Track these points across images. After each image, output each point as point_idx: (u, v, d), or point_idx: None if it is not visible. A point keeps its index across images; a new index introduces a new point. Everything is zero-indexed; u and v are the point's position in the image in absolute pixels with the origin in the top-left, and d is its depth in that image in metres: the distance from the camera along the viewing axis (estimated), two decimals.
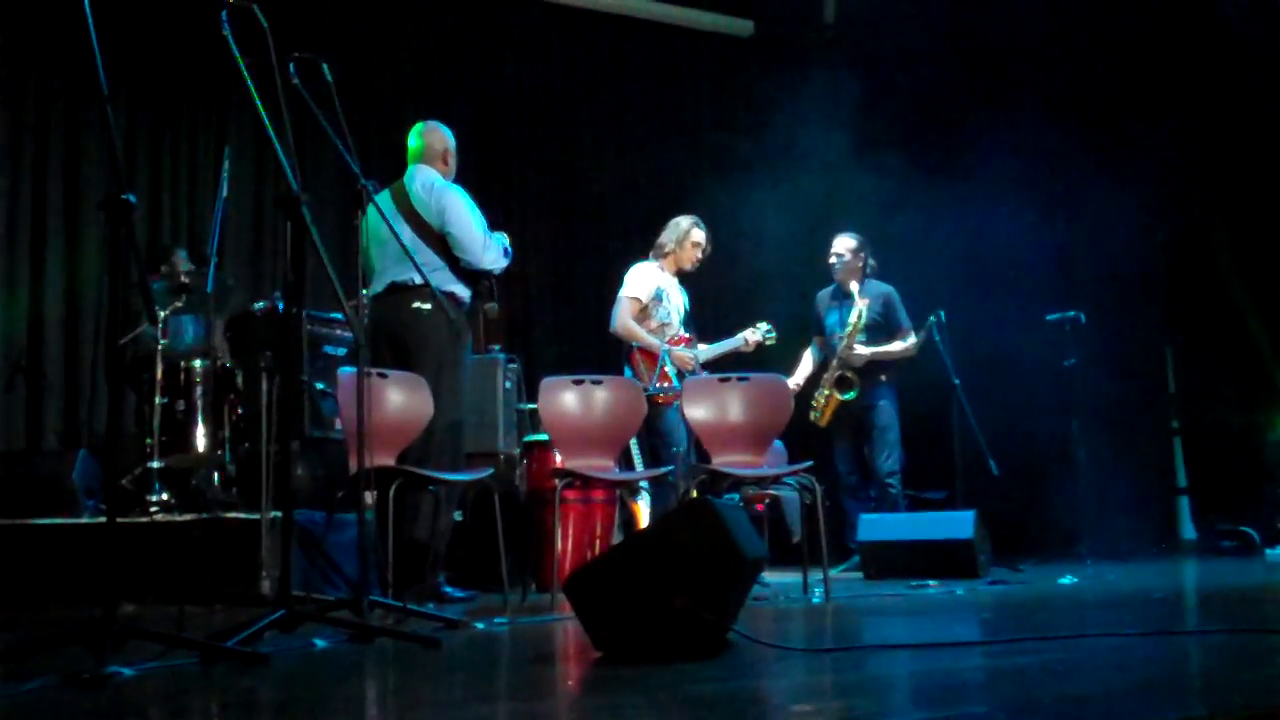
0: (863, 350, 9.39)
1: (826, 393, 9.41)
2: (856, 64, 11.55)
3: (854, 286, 9.46)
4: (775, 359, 9.03)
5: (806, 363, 9.63)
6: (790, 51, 12.16)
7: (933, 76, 11.76)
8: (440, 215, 7.01)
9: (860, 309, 9.39)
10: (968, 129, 10.97)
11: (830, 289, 9.72)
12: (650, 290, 8.39)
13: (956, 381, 9.39)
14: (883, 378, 9.49)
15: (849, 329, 9.38)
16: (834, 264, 9.56)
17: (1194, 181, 11.65)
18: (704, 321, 9.08)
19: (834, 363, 9.42)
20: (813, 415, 9.44)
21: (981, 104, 11.06)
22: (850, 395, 9.37)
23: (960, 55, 11.73)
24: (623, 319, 8.34)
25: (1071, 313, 10.19)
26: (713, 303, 10.09)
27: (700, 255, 8.63)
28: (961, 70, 11.63)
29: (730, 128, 12.01)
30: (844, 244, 9.59)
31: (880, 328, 9.48)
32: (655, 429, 8.13)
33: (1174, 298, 12.04)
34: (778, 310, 9.45)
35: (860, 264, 9.58)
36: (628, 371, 8.27)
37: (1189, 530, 12.03)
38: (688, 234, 8.56)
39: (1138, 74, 11.57)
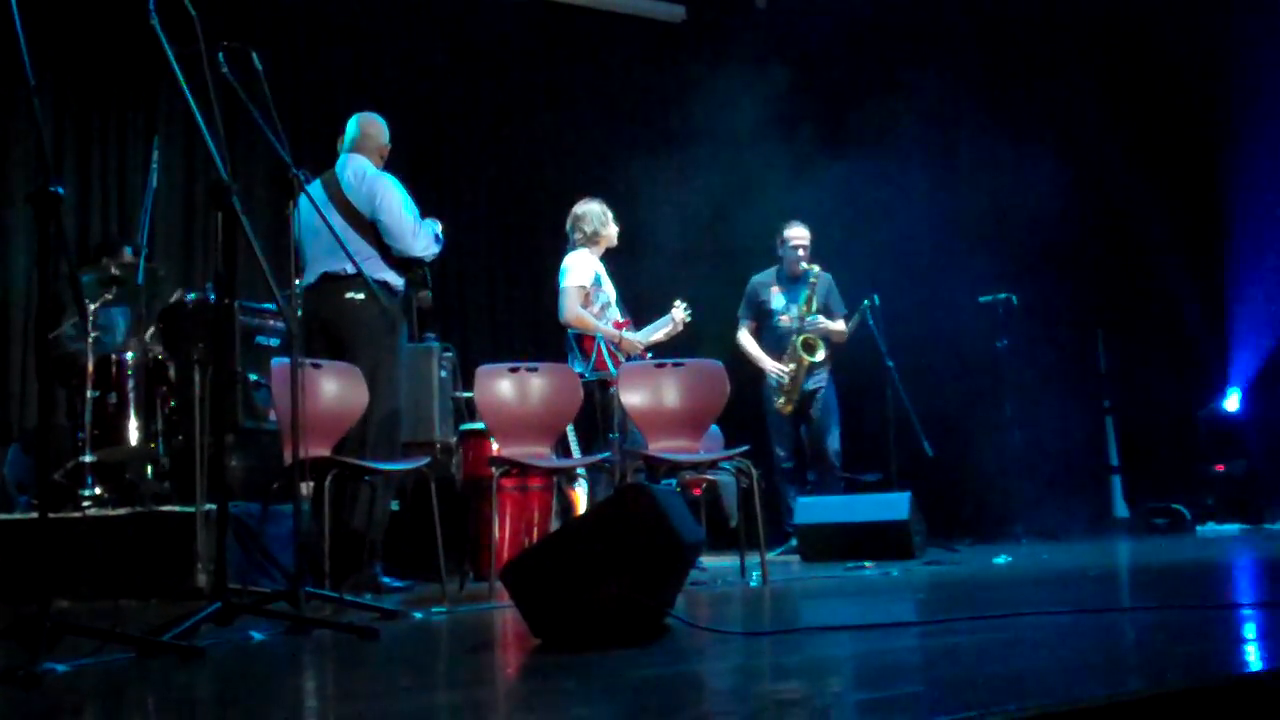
0: (829, 324, 9.43)
1: (792, 367, 9.38)
2: (786, 49, 11.58)
3: (806, 269, 9.48)
4: (707, 342, 9.02)
5: (755, 347, 9.62)
6: (721, 37, 12.17)
7: (861, 62, 11.82)
8: (371, 202, 6.97)
9: (812, 291, 9.41)
10: (896, 114, 11.03)
11: (770, 274, 9.71)
12: (591, 277, 8.36)
13: (890, 364, 9.44)
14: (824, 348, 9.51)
15: (802, 308, 9.40)
16: (798, 251, 9.54)
17: (1118, 154, 11.76)
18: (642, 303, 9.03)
19: (793, 337, 9.41)
20: (780, 401, 9.42)
21: (910, 89, 11.11)
22: (819, 355, 9.35)
23: (889, 41, 11.78)
24: (572, 308, 8.25)
25: (1003, 294, 10.30)
26: (648, 285, 10.02)
27: (617, 230, 8.57)
28: (890, 56, 11.68)
29: (662, 113, 12.02)
30: (802, 232, 9.61)
31: (823, 312, 9.51)
32: (608, 412, 8.07)
33: (1103, 278, 12.15)
34: (698, 291, 9.40)
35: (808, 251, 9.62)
36: (574, 360, 8.19)
37: (1122, 509, 12.17)
38: (605, 213, 8.47)
39: (1066, 56, 11.67)
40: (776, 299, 9.65)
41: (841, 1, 11.56)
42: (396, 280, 7.06)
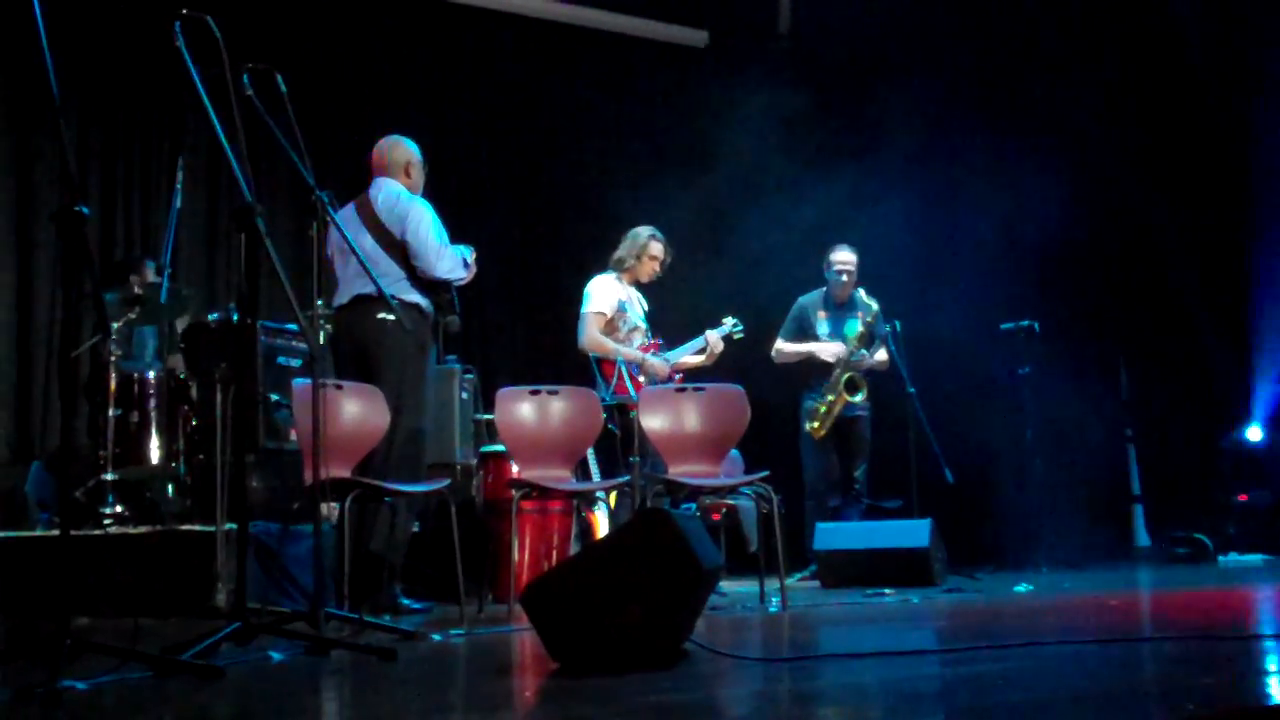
0: (881, 356, 9.40)
1: (831, 398, 9.33)
2: (810, 74, 11.59)
3: (864, 300, 9.44)
4: (735, 368, 8.99)
5: (798, 345, 9.53)
6: (745, 62, 12.18)
7: (882, 87, 11.81)
8: (402, 224, 6.99)
9: (865, 319, 9.36)
10: (918, 139, 11.02)
11: (817, 296, 9.63)
12: (613, 304, 8.35)
13: (912, 391, 9.41)
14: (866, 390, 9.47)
15: (854, 338, 9.34)
16: (842, 276, 9.50)
17: (1140, 182, 11.74)
18: (670, 330, 9.00)
19: (838, 369, 9.34)
20: (811, 425, 9.36)
21: (931, 115, 11.11)
22: (859, 396, 9.32)
23: (910, 67, 11.77)
24: (590, 334, 8.26)
25: (1025, 322, 10.26)
26: (673, 309, 10.00)
27: (659, 268, 8.57)
28: (911, 82, 11.66)
29: (686, 138, 12.02)
30: (848, 256, 9.54)
31: (870, 343, 9.45)
32: (629, 436, 8.01)
33: (1126, 307, 12.12)
34: (719, 314, 9.38)
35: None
36: (605, 387, 8.16)
37: (1143, 537, 12.11)
38: (645, 247, 8.49)
39: (1088, 82, 11.66)
40: (823, 324, 9.53)
41: (862, 26, 11.56)
42: (425, 303, 7.07)
